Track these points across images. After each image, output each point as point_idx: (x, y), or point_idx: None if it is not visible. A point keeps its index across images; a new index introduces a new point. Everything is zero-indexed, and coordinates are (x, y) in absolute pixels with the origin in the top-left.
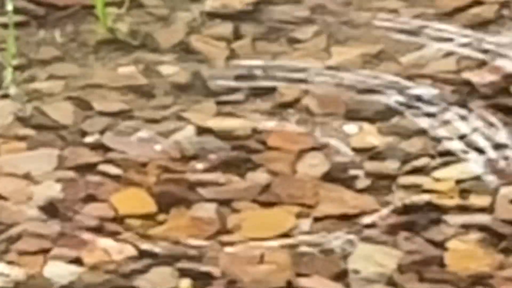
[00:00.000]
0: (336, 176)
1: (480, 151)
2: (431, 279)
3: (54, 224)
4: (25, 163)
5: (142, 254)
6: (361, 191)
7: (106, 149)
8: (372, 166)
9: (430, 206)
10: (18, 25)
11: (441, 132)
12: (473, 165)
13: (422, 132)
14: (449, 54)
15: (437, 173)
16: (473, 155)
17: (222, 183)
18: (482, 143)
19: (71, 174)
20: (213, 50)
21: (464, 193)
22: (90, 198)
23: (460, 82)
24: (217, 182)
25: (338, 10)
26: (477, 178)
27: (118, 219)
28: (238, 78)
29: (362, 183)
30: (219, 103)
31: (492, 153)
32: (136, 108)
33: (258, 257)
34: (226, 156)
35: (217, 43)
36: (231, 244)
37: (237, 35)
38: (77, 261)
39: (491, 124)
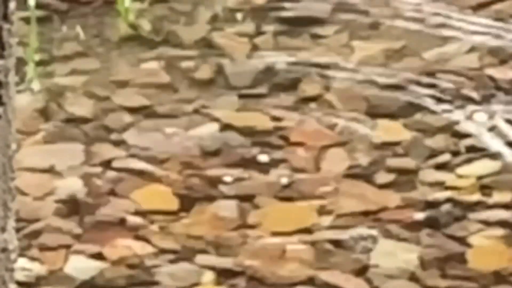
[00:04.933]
0: (358, 172)
1: (502, 147)
2: (453, 275)
3: (76, 220)
4: (46, 158)
5: (164, 249)
6: (383, 187)
7: (128, 144)
8: (395, 162)
9: (452, 203)
10: (40, 20)
11: (464, 128)
12: (495, 161)
13: (445, 128)
14: (471, 50)
15: (460, 170)
16: (494, 151)
17: (244, 179)
18: (504, 139)
19: (93, 169)
20: (235, 45)
21: (486, 189)
22: (113, 194)
23: (482, 78)
24: (238, 178)
25: (360, 6)
26: (499, 174)
27: (141, 215)
28: (260, 73)
29: (384, 179)
30: (241, 98)
31: None
32: (159, 104)
33: (280, 253)
34: (248, 151)
35: (240, 38)
36: (252, 240)
37: (259, 31)
38: (99, 256)
39: None
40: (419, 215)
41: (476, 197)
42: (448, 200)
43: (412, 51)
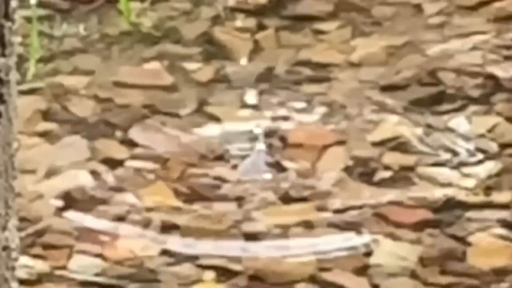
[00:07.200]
0: (359, 171)
1: (504, 146)
2: (453, 273)
3: (78, 219)
4: (48, 157)
5: (166, 248)
6: (384, 185)
7: (131, 144)
8: (396, 160)
9: (454, 202)
10: (42, 19)
11: (465, 127)
12: (495, 161)
13: (447, 127)
14: (474, 47)
15: (461, 169)
16: (496, 150)
17: (245, 179)
18: (506, 138)
19: (95, 168)
20: (237, 43)
21: (486, 189)
22: (115, 192)
23: (484, 75)
24: (240, 178)
25: (362, 4)
26: (499, 174)
27: (143, 214)
28: (261, 73)
29: (385, 177)
30: (242, 98)
31: None
32: (161, 104)
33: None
34: (250, 151)
35: (241, 35)
36: (254, 239)
37: (261, 29)
38: (101, 255)
39: None
40: (421, 214)
41: (478, 197)
42: (450, 199)
43: (415, 48)
